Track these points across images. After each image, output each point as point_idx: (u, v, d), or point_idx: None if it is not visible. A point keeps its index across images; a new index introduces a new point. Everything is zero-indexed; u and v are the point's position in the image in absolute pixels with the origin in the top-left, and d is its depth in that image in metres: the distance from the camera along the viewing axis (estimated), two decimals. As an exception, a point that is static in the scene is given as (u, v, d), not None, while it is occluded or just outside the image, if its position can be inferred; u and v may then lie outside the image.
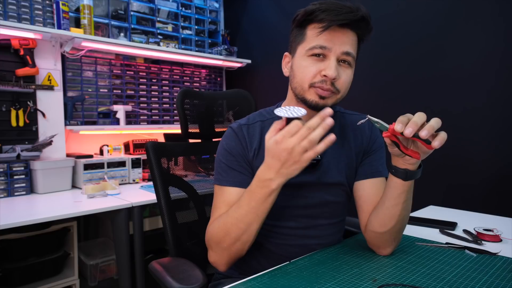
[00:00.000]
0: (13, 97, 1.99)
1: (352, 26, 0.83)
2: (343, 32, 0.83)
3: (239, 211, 0.82)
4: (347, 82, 0.86)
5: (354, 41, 0.85)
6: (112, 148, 2.33)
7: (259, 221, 0.81)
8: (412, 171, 0.77)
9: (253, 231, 0.82)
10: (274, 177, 0.75)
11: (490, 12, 1.64)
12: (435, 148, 0.68)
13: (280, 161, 0.73)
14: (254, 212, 0.80)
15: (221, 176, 0.92)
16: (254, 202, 0.79)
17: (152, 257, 2.33)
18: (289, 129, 0.72)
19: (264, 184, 0.77)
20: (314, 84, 0.84)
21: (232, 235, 0.83)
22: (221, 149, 0.94)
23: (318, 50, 0.83)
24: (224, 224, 0.84)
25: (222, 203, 0.90)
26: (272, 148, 0.74)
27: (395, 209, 0.82)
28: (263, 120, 0.97)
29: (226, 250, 0.86)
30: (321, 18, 0.81)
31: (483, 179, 1.67)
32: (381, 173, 0.94)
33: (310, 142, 0.70)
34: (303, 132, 0.71)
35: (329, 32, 0.82)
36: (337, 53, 0.82)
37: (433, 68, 1.84)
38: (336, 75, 0.82)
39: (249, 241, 0.84)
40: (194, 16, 2.79)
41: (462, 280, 0.75)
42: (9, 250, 1.80)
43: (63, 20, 2.05)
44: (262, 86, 2.81)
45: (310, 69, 0.84)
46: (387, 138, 0.73)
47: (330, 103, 0.86)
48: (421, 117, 0.69)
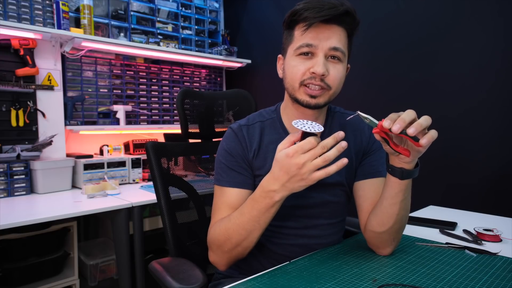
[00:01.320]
0: (13, 97, 1.99)
1: (337, 21, 0.83)
2: (328, 28, 0.83)
3: (241, 218, 0.82)
4: (338, 77, 0.85)
5: (342, 36, 0.85)
6: (112, 148, 2.33)
7: (260, 229, 0.82)
8: (409, 170, 0.76)
9: (254, 238, 0.83)
10: (279, 189, 0.75)
11: (490, 12, 1.64)
12: (423, 145, 0.68)
13: (287, 175, 0.73)
14: (256, 221, 0.80)
15: (221, 177, 0.92)
16: (256, 211, 0.79)
17: (152, 257, 2.33)
18: (302, 144, 0.71)
19: (268, 195, 0.77)
20: (304, 82, 0.84)
21: (233, 241, 0.84)
22: (221, 150, 0.95)
23: (305, 49, 0.84)
24: (226, 229, 0.85)
25: (222, 204, 0.90)
26: (282, 160, 0.73)
27: (393, 208, 0.82)
28: (263, 121, 0.97)
29: (226, 253, 0.87)
30: (305, 17, 0.82)
31: (483, 179, 1.67)
32: (380, 173, 0.94)
33: (325, 160, 0.70)
34: (317, 151, 0.70)
35: (314, 30, 0.83)
36: (324, 49, 0.83)
37: (432, 68, 1.84)
38: (325, 71, 0.82)
39: (250, 246, 0.85)
40: (194, 16, 2.79)
41: (462, 280, 0.75)
42: (9, 250, 1.80)
43: (63, 20, 2.05)
44: (262, 86, 2.81)
45: (299, 67, 0.85)
46: (377, 135, 0.73)
47: (323, 101, 0.86)
48: (410, 114, 0.68)
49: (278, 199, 0.77)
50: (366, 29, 2.04)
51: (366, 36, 2.05)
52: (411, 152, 0.73)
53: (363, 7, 2.05)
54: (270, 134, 0.95)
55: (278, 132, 0.95)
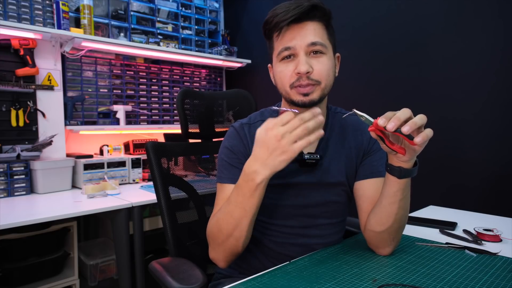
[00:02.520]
0: (13, 97, 1.99)
1: (307, 17, 0.84)
2: (301, 27, 0.84)
3: (228, 206, 0.82)
4: (324, 70, 0.85)
5: (318, 29, 0.85)
6: (112, 148, 2.33)
7: (248, 216, 0.80)
8: (407, 169, 0.76)
9: (244, 227, 0.82)
10: (259, 168, 0.75)
11: (490, 13, 1.64)
12: (418, 144, 0.68)
13: (267, 150, 0.73)
14: (242, 207, 0.79)
15: (222, 174, 0.93)
16: (241, 197, 0.79)
17: (152, 257, 2.33)
18: (281, 118, 0.72)
19: (249, 178, 0.76)
20: (294, 84, 0.85)
21: (224, 231, 0.83)
22: (223, 148, 0.96)
23: (285, 53, 0.85)
24: (217, 220, 0.85)
25: (222, 200, 0.91)
26: (261, 137, 0.74)
27: (392, 208, 0.82)
28: (264, 120, 0.97)
29: (221, 246, 0.86)
30: (275, 23, 0.84)
31: (483, 179, 1.67)
32: (381, 173, 0.94)
33: (304, 129, 0.70)
34: (295, 122, 0.71)
35: (288, 32, 0.85)
36: (303, 47, 0.84)
37: (432, 69, 1.84)
38: (308, 68, 0.83)
39: (242, 236, 0.83)
40: (194, 16, 2.79)
41: (462, 280, 0.75)
42: (9, 250, 1.80)
43: (63, 20, 2.05)
44: (262, 86, 2.81)
45: (285, 72, 0.86)
46: (372, 133, 0.73)
47: (316, 96, 0.86)
48: (405, 112, 0.69)
49: (259, 181, 0.75)
50: (366, 29, 2.05)
51: (366, 36, 2.05)
52: (407, 151, 0.73)
53: (363, 7, 2.05)
54: None
55: None
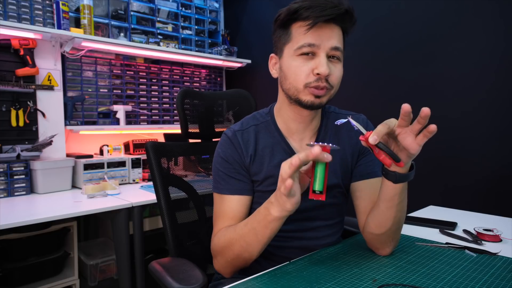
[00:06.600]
0: (13, 97, 1.99)
1: (337, 20, 0.83)
2: (329, 28, 0.82)
3: (244, 228, 0.82)
4: (339, 77, 0.86)
5: (340, 35, 0.85)
6: (112, 148, 2.33)
7: (258, 244, 0.80)
8: (402, 174, 0.75)
9: (254, 252, 0.82)
10: (274, 202, 0.74)
11: (491, 13, 1.64)
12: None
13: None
14: (254, 233, 0.79)
15: (220, 185, 0.92)
16: (256, 223, 0.79)
17: (152, 257, 2.33)
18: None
19: (267, 206, 0.76)
20: (310, 85, 0.83)
21: (234, 251, 0.83)
22: (218, 157, 0.94)
23: (306, 49, 0.82)
24: (229, 239, 0.84)
25: (223, 212, 0.90)
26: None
27: (390, 211, 0.81)
28: (257, 124, 0.96)
29: (229, 263, 0.87)
30: (306, 16, 0.80)
31: (483, 179, 1.67)
32: (376, 173, 0.94)
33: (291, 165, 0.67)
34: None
35: (315, 29, 0.81)
36: (326, 49, 0.82)
37: (432, 69, 1.84)
38: (329, 71, 0.82)
39: (252, 257, 0.84)
40: (194, 16, 2.79)
41: (462, 280, 0.75)
42: (9, 250, 1.80)
43: (63, 20, 2.05)
44: (262, 86, 2.81)
45: (302, 69, 0.83)
46: (363, 142, 0.72)
47: (325, 100, 0.86)
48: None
49: (275, 215, 0.74)
50: (366, 29, 2.04)
51: (366, 36, 2.05)
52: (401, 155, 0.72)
53: (363, 7, 2.05)
54: (265, 138, 0.94)
55: (273, 136, 0.94)
